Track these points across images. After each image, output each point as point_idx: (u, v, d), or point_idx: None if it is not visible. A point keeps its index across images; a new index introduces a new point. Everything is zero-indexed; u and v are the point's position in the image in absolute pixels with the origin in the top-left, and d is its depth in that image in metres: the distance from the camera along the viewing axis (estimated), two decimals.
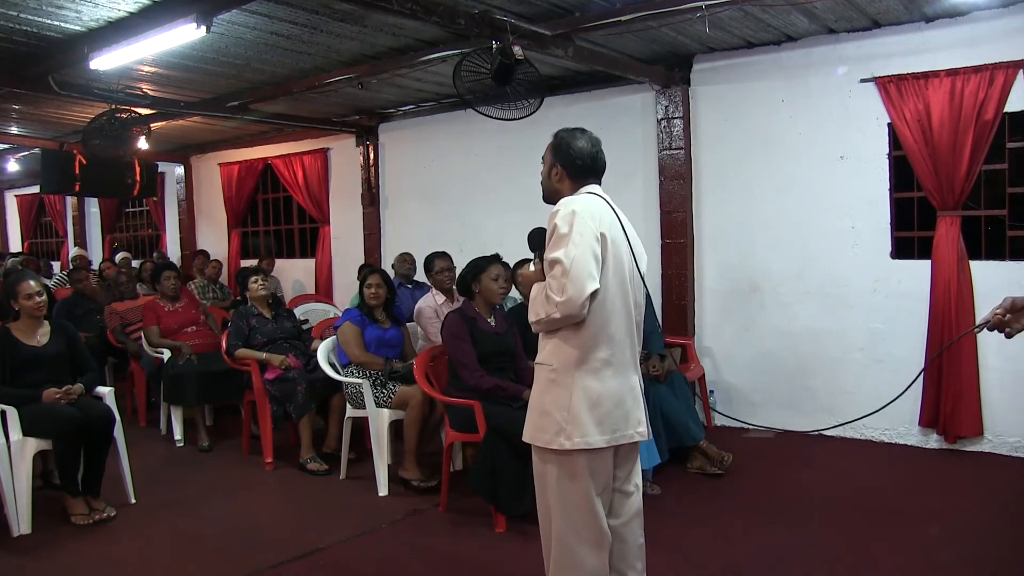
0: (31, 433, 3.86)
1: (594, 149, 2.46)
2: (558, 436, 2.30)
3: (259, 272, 5.34)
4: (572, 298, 2.20)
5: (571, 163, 2.44)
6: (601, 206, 2.35)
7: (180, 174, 10.02)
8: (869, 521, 3.74)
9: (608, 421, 2.31)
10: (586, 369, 2.31)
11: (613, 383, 2.32)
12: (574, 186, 2.44)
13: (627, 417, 2.34)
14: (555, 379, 2.34)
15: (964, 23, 4.58)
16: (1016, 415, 4.61)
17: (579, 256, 2.20)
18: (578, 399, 2.29)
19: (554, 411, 2.32)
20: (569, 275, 2.19)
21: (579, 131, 2.48)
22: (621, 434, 2.33)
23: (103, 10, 4.21)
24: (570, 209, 2.26)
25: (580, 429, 2.29)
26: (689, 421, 4.44)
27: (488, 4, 4.21)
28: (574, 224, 2.23)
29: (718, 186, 5.60)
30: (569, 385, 2.31)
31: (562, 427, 2.30)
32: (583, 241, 2.21)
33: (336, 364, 4.75)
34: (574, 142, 2.44)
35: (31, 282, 4.09)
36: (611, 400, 2.32)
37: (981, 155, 4.54)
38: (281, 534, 3.80)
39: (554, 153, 2.48)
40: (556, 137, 2.49)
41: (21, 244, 13.45)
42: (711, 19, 4.37)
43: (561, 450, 2.31)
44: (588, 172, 2.45)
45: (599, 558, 2.38)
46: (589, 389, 2.30)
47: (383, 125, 7.70)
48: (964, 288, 4.63)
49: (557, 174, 2.47)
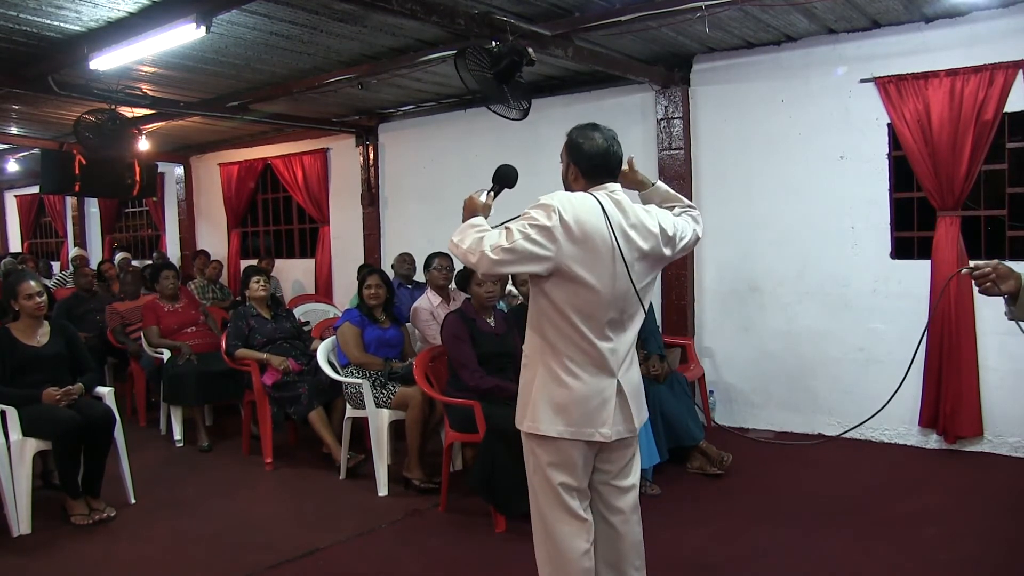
0: (31, 433, 3.86)
1: (606, 145, 2.44)
2: (523, 419, 2.42)
3: (261, 273, 5.33)
4: (493, 264, 2.24)
5: (583, 162, 2.43)
6: (590, 210, 2.28)
7: (180, 174, 10.01)
8: (869, 521, 3.74)
9: (564, 415, 2.35)
10: (554, 363, 2.35)
11: (578, 383, 2.34)
12: (588, 185, 2.43)
13: (590, 417, 2.35)
14: (527, 364, 2.45)
15: (964, 23, 4.59)
16: (1016, 415, 4.61)
17: (521, 245, 2.21)
18: (539, 389, 2.37)
19: (523, 395, 2.44)
20: (505, 248, 2.22)
21: (591, 127, 2.46)
22: (579, 431, 2.36)
23: (103, 10, 4.21)
24: (556, 206, 2.24)
25: (535, 416, 2.37)
26: (689, 421, 4.44)
27: (488, 4, 4.21)
28: (542, 223, 2.22)
29: (718, 186, 5.60)
30: (535, 375, 2.39)
31: (525, 411, 2.41)
32: (536, 241, 2.21)
33: (336, 364, 4.75)
34: (585, 141, 2.43)
35: (31, 282, 4.09)
36: (572, 397, 2.34)
37: (981, 155, 4.54)
38: (281, 534, 3.80)
39: (568, 153, 2.49)
40: (569, 136, 2.48)
41: (21, 244, 13.44)
42: (711, 19, 4.37)
43: (528, 432, 2.42)
44: (601, 171, 2.44)
45: (574, 539, 2.41)
46: (551, 383, 2.36)
47: (383, 125, 7.70)
48: (964, 288, 4.63)
49: (572, 173, 2.47)
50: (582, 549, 2.39)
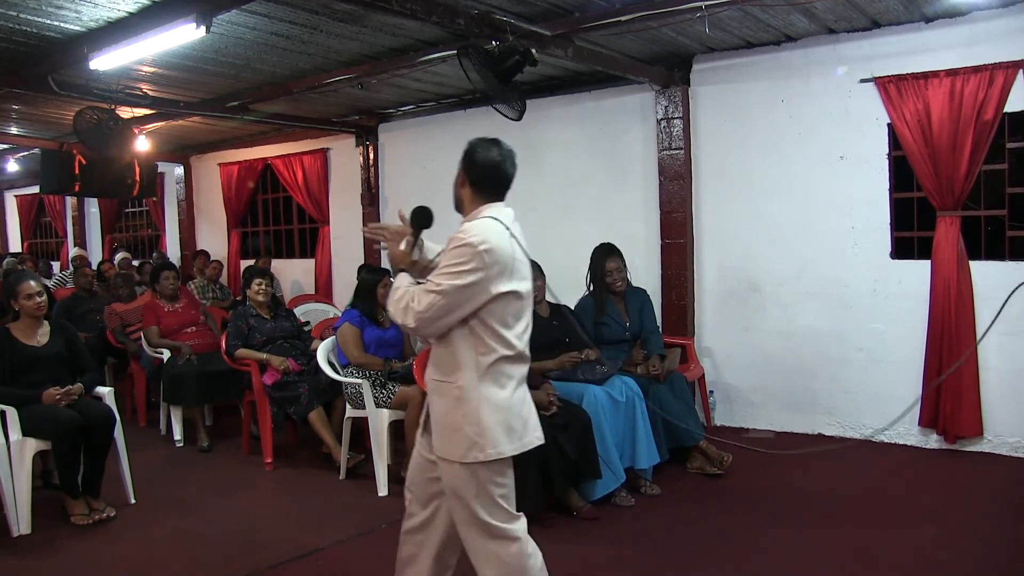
0: (31, 433, 3.86)
1: (500, 160, 2.43)
2: (470, 449, 2.37)
3: (263, 275, 5.31)
4: (431, 320, 2.29)
5: (474, 173, 2.44)
6: (503, 236, 2.34)
7: (180, 174, 10.01)
8: (869, 521, 3.74)
9: (511, 432, 2.38)
10: (488, 380, 2.35)
11: (517, 391, 2.40)
12: (475, 198, 2.44)
13: (529, 424, 2.42)
14: (440, 390, 2.43)
15: (964, 23, 4.59)
16: (1016, 415, 4.61)
17: (459, 290, 2.25)
18: (482, 412, 2.34)
19: (453, 423, 2.41)
20: (442, 303, 2.26)
21: (492, 142, 2.46)
22: (528, 441, 2.41)
23: (103, 10, 4.21)
24: (473, 242, 2.27)
25: (495, 441, 2.34)
26: (689, 421, 4.44)
27: (488, 4, 4.21)
28: (470, 259, 2.26)
29: (718, 186, 5.60)
30: (463, 398, 2.36)
31: (470, 440, 2.36)
32: (472, 277, 2.25)
33: (336, 364, 4.75)
34: (480, 152, 2.43)
35: (32, 282, 4.09)
36: (513, 409, 2.38)
37: (981, 155, 4.54)
38: (281, 534, 3.80)
39: (462, 160, 2.49)
40: (468, 145, 2.49)
41: (21, 244, 13.44)
42: (711, 19, 4.37)
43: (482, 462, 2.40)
44: (489, 185, 2.44)
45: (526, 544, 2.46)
46: (492, 402, 2.36)
47: (383, 125, 7.70)
48: (964, 288, 4.63)
49: (462, 182, 2.48)
50: (529, 550, 2.44)
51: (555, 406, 3.87)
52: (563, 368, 4.24)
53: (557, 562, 3.44)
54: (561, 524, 3.81)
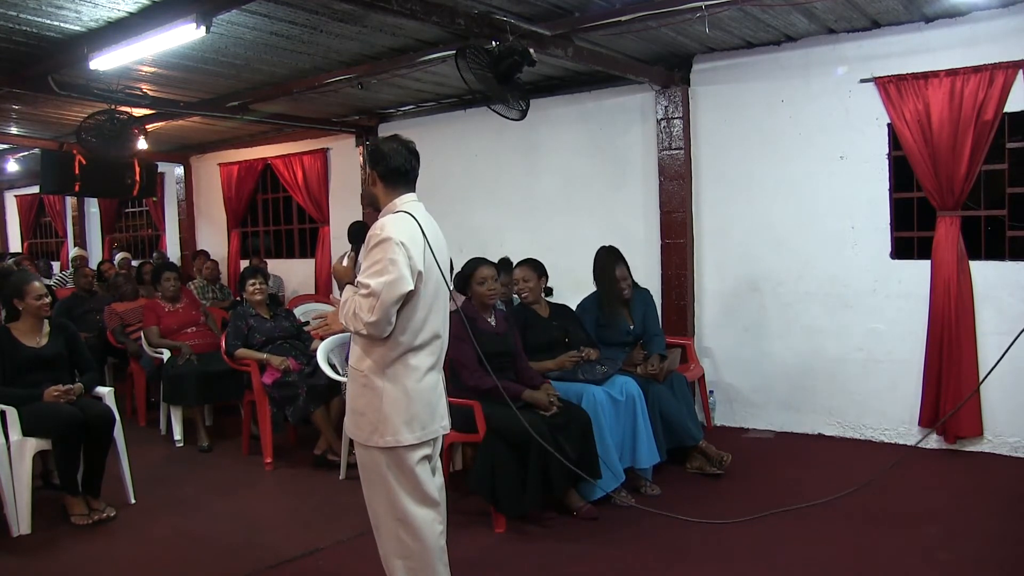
0: (31, 433, 3.86)
1: (404, 152, 2.62)
2: (374, 433, 2.58)
3: (259, 274, 5.32)
4: (379, 321, 2.41)
5: (381, 167, 2.61)
6: (413, 228, 2.50)
7: (180, 174, 10.01)
8: (869, 521, 3.74)
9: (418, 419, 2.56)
10: (399, 367, 2.52)
11: (429, 377, 2.57)
12: (387, 191, 2.63)
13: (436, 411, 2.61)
14: (360, 379, 2.58)
15: (964, 23, 4.59)
16: (1016, 415, 4.61)
17: (389, 284, 2.39)
18: (392, 398, 2.53)
19: (371, 408, 2.56)
20: (379, 302, 2.39)
21: (392, 138, 2.66)
22: (434, 428, 2.62)
23: (103, 10, 4.20)
24: (387, 236, 2.43)
25: (396, 430, 2.54)
26: (688, 421, 4.44)
27: (488, 4, 4.21)
28: (388, 253, 2.41)
29: (718, 186, 5.60)
30: (381, 384, 2.53)
31: (383, 426, 2.56)
32: (396, 269, 2.40)
33: (336, 364, 4.75)
34: (384, 149, 2.62)
35: (37, 283, 4.11)
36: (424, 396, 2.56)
37: (981, 155, 4.54)
38: (281, 534, 3.80)
39: (369, 158, 2.67)
40: (371, 144, 2.69)
41: (21, 244, 13.43)
42: (711, 19, 4.37)
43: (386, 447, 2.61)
44: (398, 176, 2.62)
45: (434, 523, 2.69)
46: (404, 388, 2.54)
47: (383, 125, 7.69)
48: (964, 288, 4.63)
49: (371, 178, 2.66)
50: (438, 531, 2.62)
51: (555, 406, 3.87)
52: (563, 368, 4.24)
53: (557, 562, 3.45)
54: (561, 524, 3.81)
